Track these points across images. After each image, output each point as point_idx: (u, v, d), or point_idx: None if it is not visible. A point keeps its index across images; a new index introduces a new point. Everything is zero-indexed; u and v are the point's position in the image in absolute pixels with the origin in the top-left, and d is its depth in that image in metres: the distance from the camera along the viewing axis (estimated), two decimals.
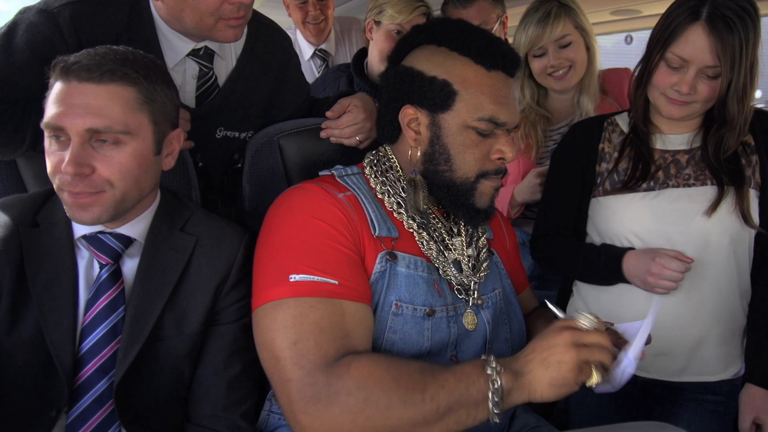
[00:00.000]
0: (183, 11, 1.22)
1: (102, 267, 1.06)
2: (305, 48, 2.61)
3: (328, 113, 1.45)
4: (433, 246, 1.13)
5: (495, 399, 0.92)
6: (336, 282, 1.00)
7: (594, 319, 0.97)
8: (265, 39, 1.47)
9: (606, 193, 1.41)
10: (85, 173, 0.97)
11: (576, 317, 0.98)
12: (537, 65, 1.78)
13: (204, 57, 1.38)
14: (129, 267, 1.08)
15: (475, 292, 1.15)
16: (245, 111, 1.47)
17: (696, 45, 1.23)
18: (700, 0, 1.22)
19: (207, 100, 1.41)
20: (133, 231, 1.09)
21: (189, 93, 1.39)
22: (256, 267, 1.07)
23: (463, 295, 1.14)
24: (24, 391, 1.01)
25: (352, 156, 1.22)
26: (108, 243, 1.06)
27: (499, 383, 0.93)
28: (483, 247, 1.23)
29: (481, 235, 1.24)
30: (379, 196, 1.15)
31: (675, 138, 1.39)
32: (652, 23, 1.34)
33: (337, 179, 1.16)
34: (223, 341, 1.11)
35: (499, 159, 1.12)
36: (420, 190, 1.12)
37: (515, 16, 1.99)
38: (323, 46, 2.60)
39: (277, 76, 1.51)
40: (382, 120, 1.20)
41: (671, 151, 1.39)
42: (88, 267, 1.06)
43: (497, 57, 1.10)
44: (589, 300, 1.48)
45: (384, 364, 0.96)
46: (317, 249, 1.02)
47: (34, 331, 1.00)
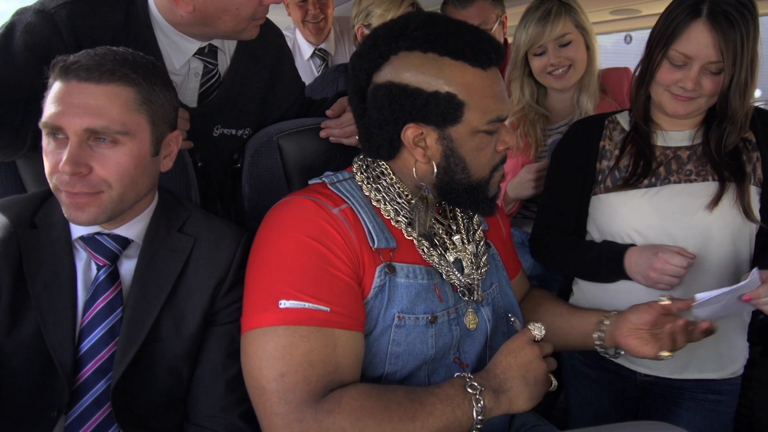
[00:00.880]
0: (220, 18, 1.25)
1: (99, 268, 1.06)
2: (305, 47, 2.60)
3: (328, 112, 1.45)
4: (434, 252, 1.11)
5: (479, 418, 0.97)
6: (328, 309, 0.97)
7: (543, 328, 1.07)
8: (258, 35, 1.47)
9: (607, 190, 1.41)
10: (83, 173, 0.97)
11: (530, 328, 1.06)
12: (537, 64, 1.78)
13: (209, 54, 1.39)
14: (127, 268, 1.08)
15: (478, 289, 1.15)
16: (241, 107, 1.47)
17: (699, 41, 1.23)
18: None
19: (209, 98, 1.42)
20: (131, 232, 1.09)
21: (192, 91, 1.40)
22: (246, 284, 1.05)
23: (466, 296, 1.13)
24: (24, 392, 1.01)
25: (351, 156, 1.21)
26: (105, 244, 1.06)
27: (482, 403, 0.98)
28: (480, 240, 1.22)
29: (477, 228, 1.23)
30: (375, 204, 1.11)
31: (676, 134, 1.40)
32: (651, 23, 1.34)
33: (330, 187, 1.12)
34: (222, 342, 1.10)
35: (504, 149, 1.12)
36: (430, 208, 1.09)
37: (515, 15, 1.98)
38: (323, 45, 2.59)
39: (271, 71, 1.52)
40: (375, 139, 1.09)
41: (672, 148, 1.39)
42: (86, 268, 1.06)
43: (490, 54, 1.05)
44: (590, 298, 1.48)
45: (374, 394, 0.96)
46: (309, 272, 0.99)
47: (33, 332, 1.00)
